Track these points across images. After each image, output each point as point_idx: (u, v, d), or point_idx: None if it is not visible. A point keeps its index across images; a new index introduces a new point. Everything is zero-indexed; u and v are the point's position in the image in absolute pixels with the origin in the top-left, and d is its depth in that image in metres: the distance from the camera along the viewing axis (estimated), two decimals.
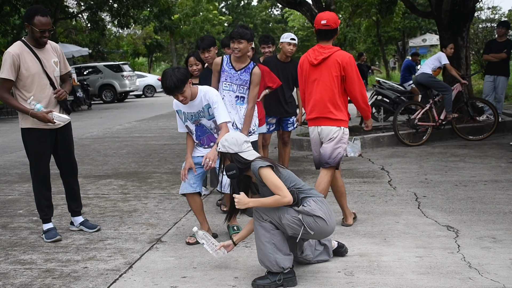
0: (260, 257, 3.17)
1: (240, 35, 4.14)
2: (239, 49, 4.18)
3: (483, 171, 6.03)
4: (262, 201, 3.11)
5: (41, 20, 3.93)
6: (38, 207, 4.25)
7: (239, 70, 4.31)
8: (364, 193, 5.29)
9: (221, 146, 3.24)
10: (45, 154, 4.16)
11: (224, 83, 4.35)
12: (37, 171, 4.16)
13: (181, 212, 4.88)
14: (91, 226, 4.40)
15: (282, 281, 3.12)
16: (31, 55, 3.99)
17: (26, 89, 3.99)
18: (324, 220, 3.10)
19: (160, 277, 3.34)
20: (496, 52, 9.12)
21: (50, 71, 4.09)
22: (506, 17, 20.73)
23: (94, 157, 8.28)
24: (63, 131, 4.24)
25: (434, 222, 4.24)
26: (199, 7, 35.10)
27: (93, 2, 22.06)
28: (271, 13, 54.09)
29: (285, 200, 3.04)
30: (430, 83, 8.25)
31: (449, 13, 9.28)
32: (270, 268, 3.12)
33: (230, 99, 4.32)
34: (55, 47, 4.23)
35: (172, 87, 3.66)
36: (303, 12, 8.50)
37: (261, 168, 3.07)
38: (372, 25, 26.97)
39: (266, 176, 3.08)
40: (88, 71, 24.39)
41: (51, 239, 4.13)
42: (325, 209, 3.15)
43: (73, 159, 4.40)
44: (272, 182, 3.06)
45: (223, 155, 3.25)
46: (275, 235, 3.13)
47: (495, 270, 3.21)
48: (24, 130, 4.11)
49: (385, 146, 8.15)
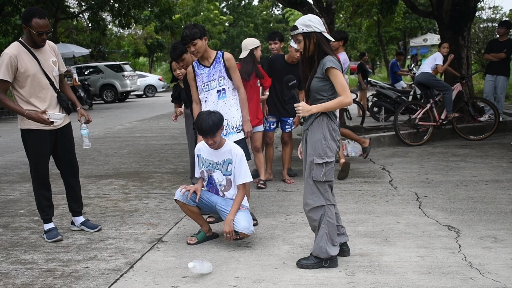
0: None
1: (191, 37, 4.08)
2: (197, 51, 4.15)
3: (484, 171, 6.02)
4: (325, 106, 3.26)
5: (39, 23, 3.88)
6: (39, 208, 4.25)
7: (211, 65, 4.28)
8: (365, 193, 5.29)
9: (305, 26, 3.25)
10: (45, 155, 4.14)
11: (203, 86, 4.30)
12: (37, 172, 4.16)
13: (182, 212, 4.87)
14: (92, 226, 4.40)
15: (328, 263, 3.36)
16: (29, 56, 3.96)
17: (25, 89, 3.96)
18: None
19: (161, 277, 3.34)
20: (497, 52, 9.11)
21: (49, 70, 4.06)
22: (507, 17, 20.71)
23: (95, 157, 8.28)
24: (63, 132, 4.22)
25: (435, 222, 4.24)
26: (200, 7, 35.11)
27: (94, 2, 22.06)
28: (272, 13, 54.09)
29: (347, 100, 3.23)
30: (430, 82, 8.25)
31: (450, 12, 9.28)
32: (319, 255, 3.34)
33: (213, 99, 4.28)
34: (53, 47, 4.20)
35: (207, 129, 3.66)
36: (304, 12, 8.49)
37: (332, 68, 3.20)
38: (373, 25, 26.93)
39: (336, 74, 3.21)
40: (89, 71, 24.38)
41: (52, 239, 4.13)
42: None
43: (74, 159, 4.39)
44: (341, 82, 3.21)
45: (307, 36, 3.26)
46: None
47: (496, 270, 3.21)
48: (23, 131, 4.09)
49: (386, 146, 8.15)
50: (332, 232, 3.34)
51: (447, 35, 9.32)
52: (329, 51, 3.29)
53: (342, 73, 3.26)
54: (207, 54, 4.27)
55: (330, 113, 3.32)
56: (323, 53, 3.27)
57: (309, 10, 8.34)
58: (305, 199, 3.40)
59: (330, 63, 3.21)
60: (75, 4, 27.75)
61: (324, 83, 3.28)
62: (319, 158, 3.28)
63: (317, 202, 3.33)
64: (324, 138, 3.29)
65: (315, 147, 3.31)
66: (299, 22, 3.30)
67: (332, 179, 3.37)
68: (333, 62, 3.22)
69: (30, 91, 3.97)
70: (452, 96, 8.15)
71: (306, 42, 3.28)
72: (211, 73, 4.27)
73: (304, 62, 3.40)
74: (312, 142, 3.33)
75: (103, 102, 23.65)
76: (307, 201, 3.38)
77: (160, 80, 29.55)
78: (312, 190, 3.35)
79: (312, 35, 3.26)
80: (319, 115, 3.32)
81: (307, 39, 3.28)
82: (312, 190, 3.35)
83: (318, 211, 3.34)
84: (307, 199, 3.38)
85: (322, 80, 3.28)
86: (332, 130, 3.32)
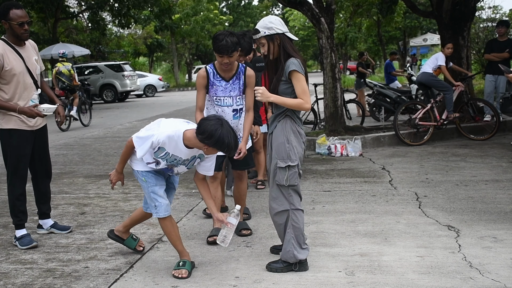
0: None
1: (232, 48, 3.56)
2: (231, 63, 3.66)
3: (484, 171, 6.02)
4: (284, 100, 3.23)
5: (17, 13, 3.78)
6: (13, 212, 4.03)
7: (230, 80, 3.82)
8: (365, 193, 5.29)
9: (266, 29, 3.21)
10: (27, 156, 3.99)
11: (216, 99, 3.84)
12: (16, 174, 3.96)
13: (182, 212, 4.88)
14: (63, 228, 4.28)
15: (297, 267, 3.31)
16: (14, 54, 3.85)
17: (9, 88, 3.83)
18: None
19: (161, 276, 3.34)
20: (498, 52, 9.10)
21: (33, 69, 3.98)
22: (507, 17, 20.69)
23: (95, 157, 8.28)
24: (42, 132, 4.11)
25: (435, 221, 4.24)
26: (200, 7, 35.06)
27: (93, 2, 22.06)
28: (272, 13, 54.10)
29: (306, 106, 3.20)
30: (431, 82, 8.24)
31: (450, 12, 9.27)
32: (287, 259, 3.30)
33: (226, 117, 3.71)
34: (34, 45, 4.13)
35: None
36: (304, 11, 8.48)
37: (294, 71, 3.16)
38: (373, 25, 26.94)
39: (298, 78, 3.18)
40: (89, 71, 24.38)
41: (27, 246, 3.94)
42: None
43: (49, 161, 4.26)
44: (302, 86, 3.18)
45: (270, 38, 3.23)
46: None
47: (496, 269, 3.21)
48: (4, 131, 3.90)
49: (386, 145, 8.15)
50: (299, 236, 3.30)
51: (447, 35, 9.32)
52: (293, 52, 3.25)
53: (305, 77, 3.24)
54: (233, 66, 3.79)
55: (294, 116, 3.28)
56: (287, 54, 3.24)
57: (309, 9, 8.34)
58: (270, 203, 3.38)
59: (293, 66, 3.18)
60: (75, 4, 27.76)
61: (288, 85, 3.25)
62: (282, 162, 3.25)
63: (281, 206, 3.30)
64: (287, 141, 3.25)
65: (278, 150, 3.28)
66: (260, 25, 3.25)
67: (296, 184, 3.29)
68: (295, 65, 3.19)
69: (15, 90, 3.85)
70: (453, 96, 8.15)
71: (270, 45, 3.25)
72: (228, 88, 3.81)
73: (269, 65, 3.35)
74: (276, 145, 3.30)
75: (103, 102, 23.64)
76: (272, 205, 3.36)
77: (160, 80, 29.55)
78: (276, 194, 3.32)
79: (275, 37, 3.23)
80: (283, 117, 3.29)
81: (270, 42, 3.24)
82: (276, 195, 3.32)
83: (283, 215, 3.31)
84: (271, 203, 3.36)
85: (286, 83, 3.25)
86: (297, 133, 3.28)
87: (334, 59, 8.36)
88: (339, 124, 8.50)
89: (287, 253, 3.30)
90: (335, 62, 8.41)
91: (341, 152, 7.49)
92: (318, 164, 6.97)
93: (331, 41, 8.36)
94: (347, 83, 23.05)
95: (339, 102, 8.45)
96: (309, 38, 43.72)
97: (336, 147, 7.53)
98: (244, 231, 4.08)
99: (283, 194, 3.29)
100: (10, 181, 4.00)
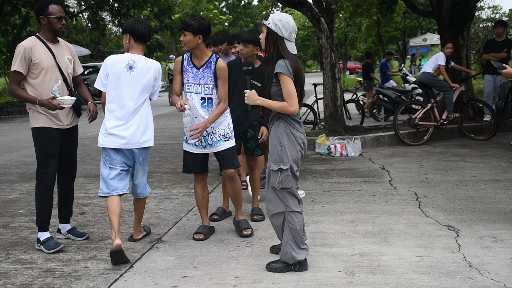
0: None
1: (184, 26, 3.82)
2: (184, 43, 3.87)
3: (483, 171, 6.03)
4: (269, 103, 3.24)
5: (56, 8, 3.87)
6: (39, 214, 3.97)
7: (201, 67, 3.94)
8: (364, 193, 5.29)
9: (273, 23, 3.23)
10: (54, 154, 3.96)
11: (187, 85, 3.97)
12: (45, 173, 3.93)
13: (181, 212, 4.88)
14: (79, 234, 4.21)
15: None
16: (44, 49, 3.88)
17: (37, 83, 3.85)
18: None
19: (160, 276, 3.34)
20: (496, 52, 9.09)
21: (64, 67, 3.97)
22: (506, 17, 20.70)
23: (95, 157, 8.28)
24: (71, 133, 4.09)
25: (435, 221, 4.24)
26: (200, 7, 35.12)
27: (93, 2, 22.02)
28: (272, 13, 53.99)
29: (292, 109, 3.17)
30: (431, 82, 8.25)
31: (449, 12, 9.27)
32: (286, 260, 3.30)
33: (194, 103, 3.92)
34: (69, 46, 4.16)
35: (145, 33, 3.86)
36: (304, 11, 8.48)
37: (280, 73, 3.17)
38: (373, 25, 26.92)
39: (283, 80, 3.18)
40: (89, 71, 24.37)
41: (53, 250, 3.86)
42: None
43: (75, 163, 4.25)
44: (287, 88, 3.16)
45: (270, 32, 3.25)
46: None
47: (495, 269, 3.21)
48: (34, 130, 3.94)
49: (386, 145, 8.15)
50: (296, 237, 3.29)
51: (446, 35, 9.32)
52: (285, 55, 3.23)
53: (298, 78, 3.22)
54: (201, 54, 3.93)
55: (287, 118, 3.25)
56: (279, 55, 3.23)
57: (309, 9, 8.34)
58: (266, 205, 3.40)
59: (278, 68, 3.17)
60: (75, 4, 27.75)
61: (279, 87, 3.23)
62: (275, 165, 3.25)
63: (276, 208, 3.31)
64: (279, 144, 3.24)
65: (271, 153, 3.29)
66: (273, 16, 3.28)
67: (289, 187, 3.26)
68: (281, 66, 3.17)
69: (43, 84, 3.86)
70: (453, 96, 8.15)
71: (268, 37, 3.28)
72: (198, 76, 3.94)
73: (268, 63, 3.37)
74: (270, 148, 3.32)
75: None
76: (268, 206, 3.37)
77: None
78: (271, 196, 3.33)
79: (273, 34, 3.25)
80: (276, 120, 3.29)
81: (269, 34, 3.28)
82: (272, 197, 3.33)
83: (279, 217, 3.32)
84: (267, 205, 3.37)
85: (277, 85, 3.24)
86: (290, 135, 3.25)
87: (333, 59, 8.36)
88: (339, 124, 8.51)
89: (285, 255, 3.30)
90: (335, 62, 8.41)
91: (340, 152, 7.50)
92: (318, 164, 6.97)
93: (331, 41, 8.36)
94: (346, 83, 23.06)
95: (338, 102, 8.46)
96: (309, 38, 43.71)
97: (335, 147, 7.53)
98: (245, 231, 4.08)
99: (278, 196, 3.30)
100: (39, 180, 3.97)
